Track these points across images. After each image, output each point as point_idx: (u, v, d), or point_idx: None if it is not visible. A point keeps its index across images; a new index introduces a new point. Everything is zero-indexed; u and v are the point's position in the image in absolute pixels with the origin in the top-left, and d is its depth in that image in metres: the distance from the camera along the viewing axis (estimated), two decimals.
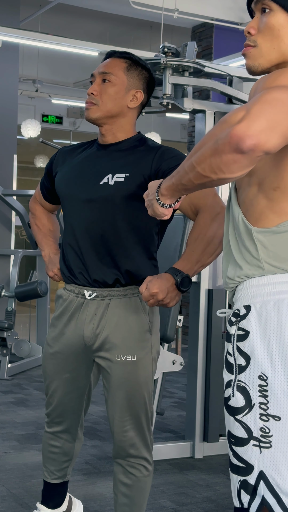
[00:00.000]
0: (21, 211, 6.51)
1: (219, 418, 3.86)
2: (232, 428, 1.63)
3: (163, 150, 2.29)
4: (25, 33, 5.70)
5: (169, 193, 1.68)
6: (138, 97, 2.34)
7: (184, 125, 11.63)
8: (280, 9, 1.66)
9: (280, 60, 1.68)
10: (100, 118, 2.31)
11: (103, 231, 2.28)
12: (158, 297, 2.14)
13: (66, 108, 11.24)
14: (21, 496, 3.21)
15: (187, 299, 7.04)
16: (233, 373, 1.63)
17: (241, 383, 1.60)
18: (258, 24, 1.69)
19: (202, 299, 3.86)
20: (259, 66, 1.70)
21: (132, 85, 2.33)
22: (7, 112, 7.16)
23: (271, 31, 1.66)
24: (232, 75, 3.85)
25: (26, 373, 6.04)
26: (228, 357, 1.66)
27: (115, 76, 2.30)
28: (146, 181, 2.23)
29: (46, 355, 2.45)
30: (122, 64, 2.33)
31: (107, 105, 2.30)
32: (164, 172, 2.22)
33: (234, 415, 1.62)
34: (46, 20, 8.20)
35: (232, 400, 1.62)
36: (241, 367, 1.61)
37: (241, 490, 1.62)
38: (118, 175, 2.25)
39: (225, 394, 1.66)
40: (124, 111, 2.32)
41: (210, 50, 7.31)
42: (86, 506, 3.10)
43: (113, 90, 2.30)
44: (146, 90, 2.38)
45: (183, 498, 3.27)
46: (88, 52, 5.91)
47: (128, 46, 7.57)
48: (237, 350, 1.62)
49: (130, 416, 2.30)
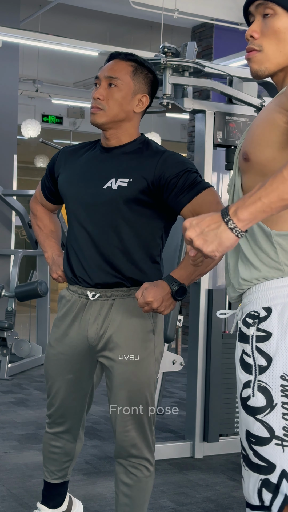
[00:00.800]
0: (21, 211, 6.51)
1: (219, 418, 3.86)
2: (251, 427, 1.64)
3: (167, 156, 2.26)
4: (25, 33, 5.70)
5: (252, 217, 1.45)
6: (144, 102, 2.32)
7: (184, 125, 11.62)
8: (285, 12, 1.66)
9: (286, 63, 1.69)
10: (106, 123, 2.29)
11: (106, 235, 2.27)
12: (152, 306, 2.14)
13: (66, 108, 11.23)
14: (21, 496, 3.21)
15: (187, 299, 7.04)
16: (252, 374, 1.63)
17: (262, 383, 1.61)
18: (261, 28, 1.69)
19: (202, 299, 3.86)
20: (266, 70, 1.70)
21: (138, 90, 2.30)
22: (7, 112, 7.16)
23: (277, 35, 1.67)
24: (232, 75, 3.85)
25: (26, 373, 6.04)
26: (245, 358, 1.66)
27: (121, 81, 2.27)
28: (149, 186, 2.22)
29: (48, 356, 2.45)
30: (128, 68, 2.30)
31: (113, 110, 2.27)
32: (167, 179, 2.21)
33: (254, 415, 1.62)
34: (46, 20, 8.20)
35: (251, 400, 1.63)
36: (262, 367, 1.61)
37: (263, 489, 1.63)
38: (122, 180, 2.24)
39: (243, 394, 1.66)
40: (130, 115, 2.31)
41: (210, 50, 7.31)
42: (86, 506, 3.10)
43: (119, 96, 2.27)
44: (151, 93, 2.36)
45: (183, 498, 3.27)
46: (88, 52, 5.90)
47: (128, 46, 7.56)
48: (257, 351, 1.62)
49: (132, 416, 2.30)
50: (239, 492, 3.36)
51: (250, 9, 1.72)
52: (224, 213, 1.47)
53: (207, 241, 1.46)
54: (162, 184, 2.21)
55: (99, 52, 5.54)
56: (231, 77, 3.85)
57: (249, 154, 1.66)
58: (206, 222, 1.47)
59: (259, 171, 1.66)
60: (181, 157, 2.29)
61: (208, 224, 1.46)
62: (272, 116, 1.62)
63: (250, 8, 1.72)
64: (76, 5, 7.30)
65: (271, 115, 1.63)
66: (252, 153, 1.65)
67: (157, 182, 2.22)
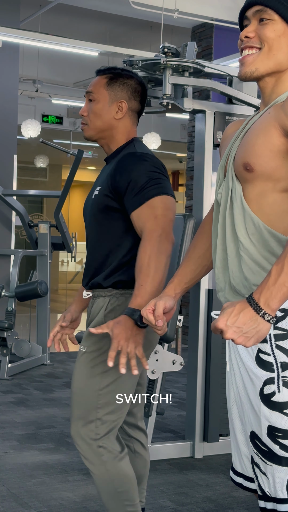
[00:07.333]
0: (21, 211, 6.51)
1: (219, 418, 3.87)
2: (278, 422, 1.68)
3: (118, 161, 2.30)
4: (25, 33, 5.70)
5: (281, 303, 1.53)
6: (123, 107, 2.39)
7: (184, 125, 11.63)
8: (281, 19, 1.72)
9: (276, 68, 1.75)
10: (93, 136, 2.43)
11: (91, 241, 2.41)
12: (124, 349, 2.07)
13: (66, 108, 11.24)
14: (21, 496, 3.22)
15: (187, 299, 7.04)
16: (274, 371, 1.68)
17: (287, 379, 1.66)
18: (256, 31, 1.74)
19: (202, 299, 3.86)
20: (256, 70, 1.75)
21: (114, 98, 2.39)
22: (7, 112, 7.17)
23: (271, 40, 1.73)
24: (232, 75, 3.85)
25: (26, 373, 6.04)
26: (262, 356, 1.70)
27: (97, 94, 2.40)
28: (112, 193, 2.26)
29: None
30: (102, 80, 2.41)
31: (95, 123, 2.40)
32: (120, 190, 2.23)
33: (282, 410, 1.67)
34: (46, 20, 8.20)
35: (277, 396, 1.67)
36: (285, 364, 1.66)
37: None
38: (98, 188, 2.36)
39: (265, 391, 1.69)
40: (113, 123, 2.40)
41: (210, 50, 7.31)
42: (86, 506, 3.10)
43: (97, 108, 2.39)
44: (133, 96, 2.42)
45: (183, 498, 3.27)
46: (88, 52, 5.91)
47: (128, 46, 7.57)
48: (277, 349, 1.67)
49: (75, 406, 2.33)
50: (239, 492, 3.36)
51: (247, 13, 1.77)
52: (254, 306, 1.52)
53: (248, 337, 1.53)
54: (116, 194, 2.27)
55: (99, 52, 5.55)
56: (231, 77, 3.85)
57: (252, 165, 1.69)
58: (242, 320, 1.52)
59: (266, 179, 1.69)
60: (132, 161, 2.27)
61: (244, 322, 1.52)
62: (270, 130, 1.68)
63: (247, 12, 1.77)
64: (76, 5, 7.30)
65: (268, 129, 1.68)
66: (257, 164, 1.68)
67: (114, 190, 2.27)
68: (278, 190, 1.68)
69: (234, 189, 1.75)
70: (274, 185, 1.68)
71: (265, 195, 1.70)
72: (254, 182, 1.71)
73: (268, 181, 1.69)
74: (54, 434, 4.23)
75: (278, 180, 1.67)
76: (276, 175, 1.67)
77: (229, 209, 1.77)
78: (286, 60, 1.74)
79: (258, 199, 1.71)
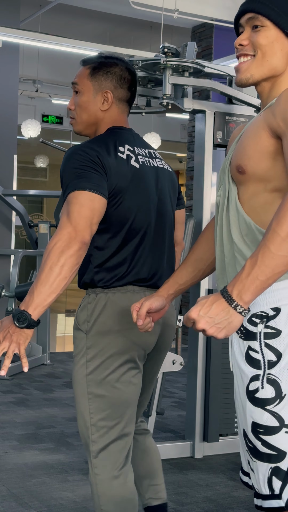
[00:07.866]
0: (21, 211, 6.51)
1: (219, 418, 3.87)
2: (259, 419, 1.70)
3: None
4: (25, 33, 5.70)
5: (254, 296, 1.55)
6: (109, 97, 2.27)
7: (184, 125, 11.63)
8: (274, 25, 1.75)
9: (271, 73, 1.78)
10: (82, 130, 2.32)
11: None
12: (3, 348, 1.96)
13: (66, 108, 11.24)
14: (21, 496, 3.22)
15: (187, 299, 7.04)
16: (260, 368, 1.70)
17: (271, 376, 1.68)
18: (249, 38, 1.78)
19: None
20: (251, 77, 1.78)
21: (98, 88, 2.27)
22: (7, 112, 7.17)
23: (264, 47, 1.76)
24: (232, 75, 3.85)
25: (26, 373, 6.04)
26: (251, 353, 1.72)
27: (81, 85, 2.28)
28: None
29: None
30: (86, 71, 2.28)
31: (82, 117, 2.30)
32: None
33: (264, 406, 1.69)
34: (46, 20, 8.20)
35: (260, 392, 1.69)
36: (272, 362, 1.68)
37: (272, 477, 1.69)
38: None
39: (250, 387, 1.71)
40: (99, 115, 2.29)
41: (210, 50, 7.32)
42: (86, 506, 3.11)
43: (82, 101, 2.28)
44: (119, 84, 2.29)
45: (183, 498, 3.27)
46: (88, 52, 5.90)
47: (128, 46, 7.58)
48: (266, 347, 1.69)
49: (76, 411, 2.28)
50: (239, 492, 3.36)
51: (241, 21, 1.81)
52: (227, 298, 1.54)
53: (219, 328, 1.55)
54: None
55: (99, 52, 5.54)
56: (231, 77, 3.85)
57: (244, 167, 1.72)
58: (214, 311, 1.54)
59: (257, 180, 1.72)
60: (66, 156, 2.15)
61: (216, 313, 1.54)
62: (259, 132, 1.70)
63: (241, 20, 1.81)
64: (76, 5, 7.30)
65: (258, 130, 1.71)
66: (248, 166, 1.71)
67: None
68: (269, 191, 1.71)
69: (230, 191, 1.79)
70: (265, 185, 1.71)
71: (257, 196, 1.73)
72: (247, 184, 1.74)
73: (260, 182, 1.71)
74: (54, 434, 4.24)
75: (269, 180, 1.70)
76: (266, 176, 1.70)
77: (226, 211, 1.80)
78: (281, 64, 1.77)
79: (250, 200, 1.74)
